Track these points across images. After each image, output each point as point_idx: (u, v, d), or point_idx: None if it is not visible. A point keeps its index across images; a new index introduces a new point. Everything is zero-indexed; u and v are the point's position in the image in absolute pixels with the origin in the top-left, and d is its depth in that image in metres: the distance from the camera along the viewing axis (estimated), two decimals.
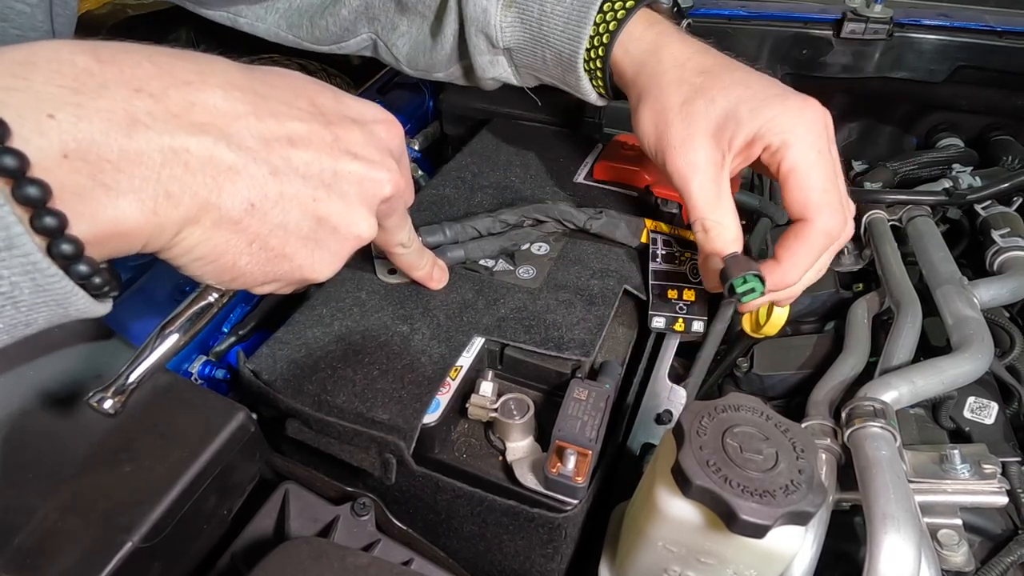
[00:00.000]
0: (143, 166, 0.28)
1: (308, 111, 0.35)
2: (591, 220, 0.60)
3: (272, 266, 0.35)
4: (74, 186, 0.27)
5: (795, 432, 0.36)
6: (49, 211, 0.26)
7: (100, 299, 0.31)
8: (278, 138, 0.33)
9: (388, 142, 0.39)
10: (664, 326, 0.56)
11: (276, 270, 0.36)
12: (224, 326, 0.58)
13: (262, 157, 0.32)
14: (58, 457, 0.40)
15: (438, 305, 0.54)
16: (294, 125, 0.34)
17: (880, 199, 0.77)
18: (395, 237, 0.46)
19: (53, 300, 0.28)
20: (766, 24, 1.01)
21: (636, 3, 0.51)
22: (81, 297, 0.29)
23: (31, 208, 0.26)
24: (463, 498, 0.46)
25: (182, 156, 0.29)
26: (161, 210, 0.29)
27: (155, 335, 0.37)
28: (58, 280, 0.28)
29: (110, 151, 0.27)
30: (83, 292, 0.29)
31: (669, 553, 0.39)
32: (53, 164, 0.26)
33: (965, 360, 0.53)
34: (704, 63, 0.50)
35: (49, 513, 0.38)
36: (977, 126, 1.00)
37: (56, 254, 0.27)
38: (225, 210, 0.31)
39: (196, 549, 0.44)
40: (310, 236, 0.35)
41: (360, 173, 0.36)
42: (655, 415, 0.53)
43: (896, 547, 0.40)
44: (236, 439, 0.43)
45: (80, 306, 0.29)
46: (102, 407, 0.35)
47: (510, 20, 0.57)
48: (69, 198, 0.27)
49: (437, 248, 0.57)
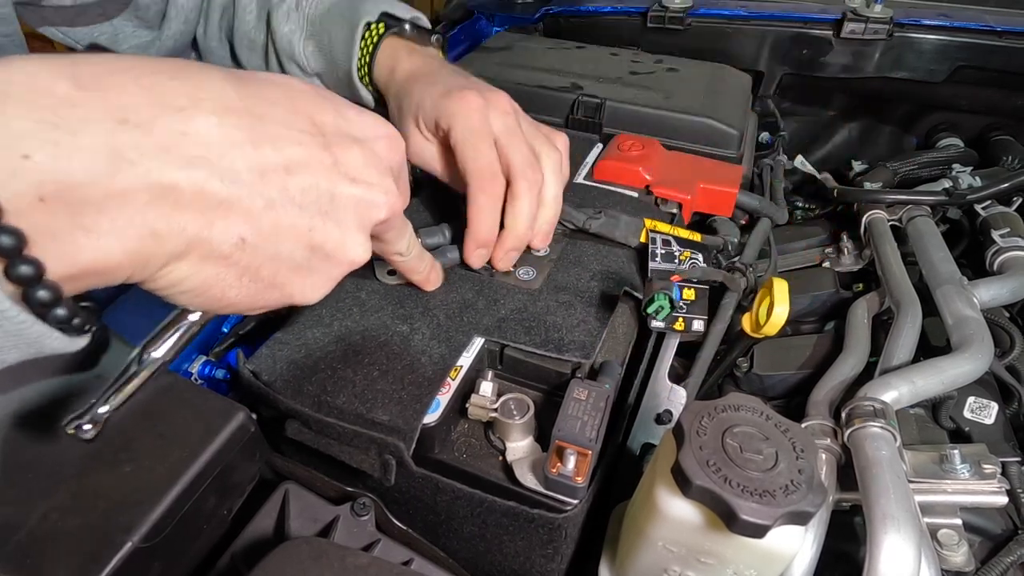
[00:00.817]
0: (128, 206, 0.26)
1: (308, 132, 0.34)
2: (590, 220, 0.60)
3: (262, 296, 0.34)
4: (51, 230, 0.25)
5: (795, 432, 0.36)
6: (24, 259, 0.24)
7: (77, 335, 0.29)
8: (275, 167, 0.31)
9: (389, 159, 0.39)
10: (664, 326, 0.56)
11: (266, 299, 0.35)
12: (224, 326, 0.58)
13: (257, 190, 0.31)
14: (58, 457, 0.40)
15: (438, 305, 0.54)
16: (292, 151, 0.32)
17: (880, 199, 0.77)
18: (393, 247, 0.47)
19: (25, 343, 0.27)
20: (766, 24, 1.01)
21: (382, 34, 0.63)
22: (56, 338, 0.28)
23: (4, 258, 0.24)
24: (463, 499, 0.46)
25: (171, 193, 0.28)
26: (146, 248, 0.28)
27: (135, 357, 0.35)
28: (30, 326, 0.26)
29: (92, 193, 0.25)
30: (58, 333, 0.28)
31: (669, 553, 0.39)
32: (28, 208, 0.24)
33: (965, 360, 0.53)
34: (416, 71, 0.60)
35: (49, 513, 0.38)
36: (977, 126, 1.00)
37: (33, 301, 0.25)
38: (215, 245, 0.30)
39: (196, 549, 0.44)
40: (303, 264, 0.34)
41: (357, 197, 0.35)
42: (655, 415, 0.53)
43: (896, 547, 0.40)
44: (236, 439, 0.43)
45: (55, 346, 0.28)
46: (81, 433, 0.33)
47: (311, 50, 0.67)
48: (45, 242, 0.25)
49: (437, 249, 0.57)
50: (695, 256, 0.58)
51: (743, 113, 0.81)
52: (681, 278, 0.53)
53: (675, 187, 0.69)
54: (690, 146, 0.77)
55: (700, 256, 0.58)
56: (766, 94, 1.05)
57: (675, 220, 0.68)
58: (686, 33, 1.03)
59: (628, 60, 0.91)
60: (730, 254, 0.67)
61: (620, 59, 0.91)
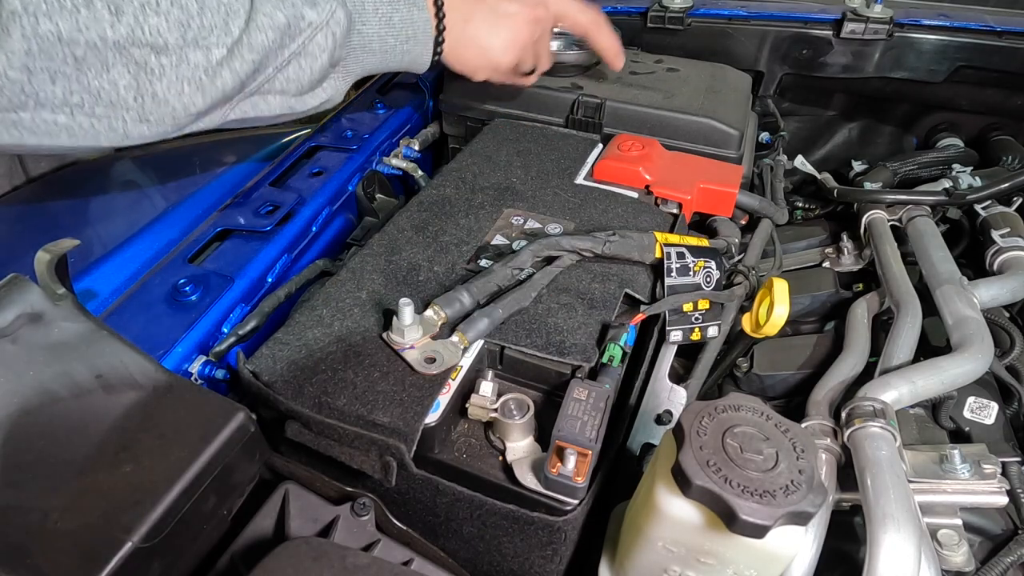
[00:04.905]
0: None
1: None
2: (606, 243, 0.58)
3: None
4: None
5: (795, 432, 0.36)
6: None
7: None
8: None
9: None
10: (682, 339, 0.56)
11: None
12: (224, 326, 0.58)
13: None
14: (58, 457, 0.40)
15: None
16: None
17: (880, 199, 0.77)
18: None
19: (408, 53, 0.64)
20: (766, 24, 1.01)
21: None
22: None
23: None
24: (463, 501, 0.46)
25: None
26: None
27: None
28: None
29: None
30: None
31: (669, 553, 0.39)
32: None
33: (965, 360, 0.53)
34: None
35: (49, 513, 0.38)
36: (977, 126, 1.00)
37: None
38: None
39: (196, 549, 0.44)
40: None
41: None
42: (655, 415, 0.53)
43: (896, 547, 0.40)
44: (236, 439, 0.43)
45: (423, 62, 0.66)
46: None
47: None
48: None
49: (463, 321, 0.52)
50: (708, 265, 0.58)
51: (743, 113, 0.81)
52: (645, 316, 0.55)
53: (675, 187, 0.69)
54: (690, 146, 0.77)
55: (713, 264, 0.58)
56: (766, 94, 1.05)
57: (676, 221, 0.68)
58: (686, 33, 1.03)
59: (628, 60, 0.91)
60: (732, 255, 0.67)
61: None
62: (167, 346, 0.53)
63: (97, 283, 0.59)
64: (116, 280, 0.60)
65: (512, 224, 0.64)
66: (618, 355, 0.51)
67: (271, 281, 0.64)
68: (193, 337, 0.55)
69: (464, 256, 0.60)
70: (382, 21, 0.61)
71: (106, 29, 0.46)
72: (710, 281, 0.58)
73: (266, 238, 0.66)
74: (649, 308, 0.55)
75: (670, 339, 0.56)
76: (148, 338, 0.54)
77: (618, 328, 0.52)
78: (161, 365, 0.43)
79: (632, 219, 0.65)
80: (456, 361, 0.49)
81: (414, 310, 0.49)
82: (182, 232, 0.67)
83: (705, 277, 0.58)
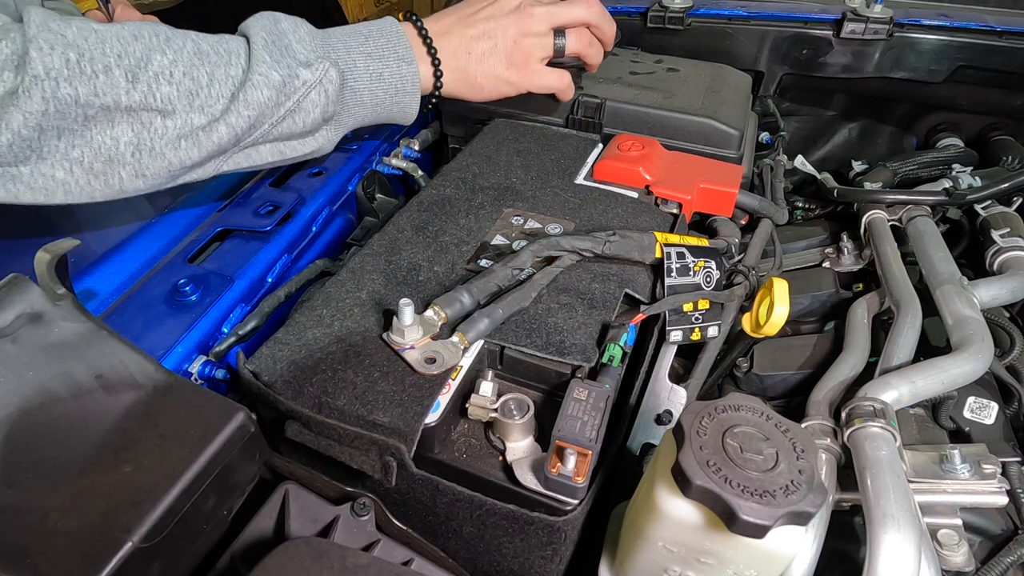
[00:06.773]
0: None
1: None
2: (606, 244, 0.58)
3: None
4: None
5: (795, 432, 0.36)
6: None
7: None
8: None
9: None
10: (682, 339, 0.56)
11: None
12: (224, 326, 0.58)
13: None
14: (58, 457, 0.40)
15: None
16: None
17: (880, 199, 0.77)
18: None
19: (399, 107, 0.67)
20: (766, 24, 1.01)
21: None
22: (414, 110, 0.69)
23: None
24: (463, 501, 0.46)
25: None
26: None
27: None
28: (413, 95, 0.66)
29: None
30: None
31: (669, 553, 0.39)
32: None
33: (965, 360, 0.53)
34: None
35: (49, 513, 0.38)
36: (977, 126, 1.00)
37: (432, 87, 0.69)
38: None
39: (196, 549, 0.43)
40: None
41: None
42: (655, 415, 0.53)
43: (896, 547, 0.40)
44: (236, 439, 0.43)
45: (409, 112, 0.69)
46: None
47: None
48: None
49: (463, 321, 0.52)
50: (708, 265, 0.58)
51: (743, 113, 0.81)
52: (645, 316, 0.54)
53: (675, 187, 0.69)
54: (690, 146, 0.77)
55: (713, 264, 0.58)
56: (766, 94, 1.05)
57: (676, 221, 0.68)
58: (686, 33, 1.03)
59: (628, 60, 0.91)
60: (732, 255, 0.67)
61: (620, 59, 0.91)
62: (167, 346, 0.53)
63: (97, 283, 0.59)
64: (116, 280, 0.60)
65: (512, 224, 0.64)
66: (618, 355, 0.51)
67: (271, 281, 0.64)
68: (193, 337, 0.55)
69: (464, 256, 0.60)
70: (372, 77, 0.63)
71: (121, 95, 0.49)
72: (710, 281, 0.58)
73: (266, 238, 0.66)
74: (649, 308, 0.55)
75: (670, 339, 0.56)
76: (148, 338, 0.54)
77: (618, 328, 0.52)
78: (161, 365, 0.43)
79: (632, 219, 0.65)
80: (456, 361, 0.49)
81: (414, 310, 0.49)
82: (182, 232, 0.67)
83: (705, 277, 0.58)
